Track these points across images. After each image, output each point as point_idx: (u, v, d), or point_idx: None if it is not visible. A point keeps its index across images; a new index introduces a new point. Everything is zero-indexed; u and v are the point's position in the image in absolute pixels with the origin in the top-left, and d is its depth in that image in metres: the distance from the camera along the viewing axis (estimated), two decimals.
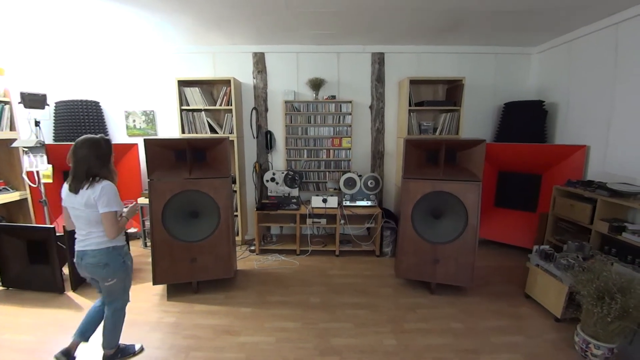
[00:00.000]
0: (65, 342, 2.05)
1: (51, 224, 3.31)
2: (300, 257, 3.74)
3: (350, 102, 3.93)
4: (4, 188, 3.26)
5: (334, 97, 3.93)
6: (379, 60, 3.96)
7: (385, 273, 3.33)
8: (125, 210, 2.00)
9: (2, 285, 2.96)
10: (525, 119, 3.81)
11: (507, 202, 4.01)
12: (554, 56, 3.80)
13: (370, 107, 4.06)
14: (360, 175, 3.82)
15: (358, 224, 3.76)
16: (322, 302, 2.78)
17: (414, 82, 3.73)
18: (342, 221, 3.68)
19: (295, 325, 2.47)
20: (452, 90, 3.91)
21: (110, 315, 2.02)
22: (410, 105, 3.72)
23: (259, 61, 3.98)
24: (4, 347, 2.20)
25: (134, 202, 1.83)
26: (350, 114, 3.95)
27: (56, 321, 2.51)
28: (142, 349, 2.18)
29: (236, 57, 4.00)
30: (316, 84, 3.86)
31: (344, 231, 4.02)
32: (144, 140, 2.69)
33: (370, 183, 3.79)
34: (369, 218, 3.73)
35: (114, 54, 4.06)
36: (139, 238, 4.18)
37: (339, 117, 3.98)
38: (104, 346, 2.05)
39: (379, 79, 3.99)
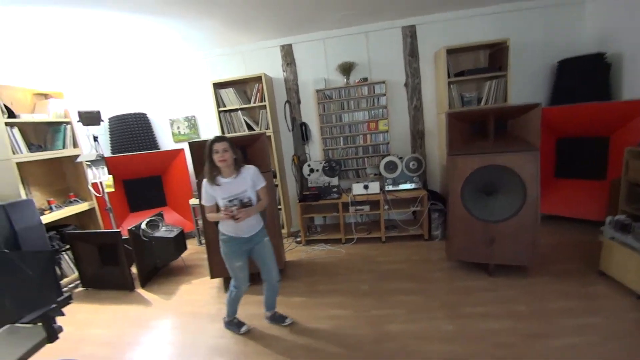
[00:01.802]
0: (139, 334, 2.25)
1: (117, 228, 3.64)
2: (345, 245, 3.72)
3: (384, 82, 3.76)
4: (74, 200, 3.65)
5: (365, 79, 3.80)
6: (410, 34, 3.73)
7: (436, 257, 3.19)
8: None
9: (82, 286, 3.33)
10: (584, 76, 3.36)
11: (570, 171, 3.61)
12: None
13: (406, 85, 3.86)
14: (400, 158, 3.67)
15: (403, 209, 3.64)
16: (371, 290, 2.74)
17: (451, 52, 3.46)
18: (386, 206, 3.58)
19: (347, 313, 2.46)
20: (496, 55, 3.57)
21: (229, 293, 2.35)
22: (449, 76, 3.46)
23: (287, 54, 3.97)
24: (88, 341, 2.48)
25: (231, 210, 2.00)
26: (385, 94, 3.79)
27: (129, 316, 2.77)
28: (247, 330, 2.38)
29: (264, 52, 4.02)
30: (346, 68, 3.75)
31: (388, 217, 3.93)
32: (189, 143, 2.82)
33: (412, 165, 3.63)
34: (414, 201, 3.58)
35: (153, 67, 4.30)
36: (194, 237, 4.45)
37: (373, 99, 3.84)
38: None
39: (412, 54, 3.77)
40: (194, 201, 3.97)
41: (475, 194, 2.71)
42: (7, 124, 3.00)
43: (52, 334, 1.86)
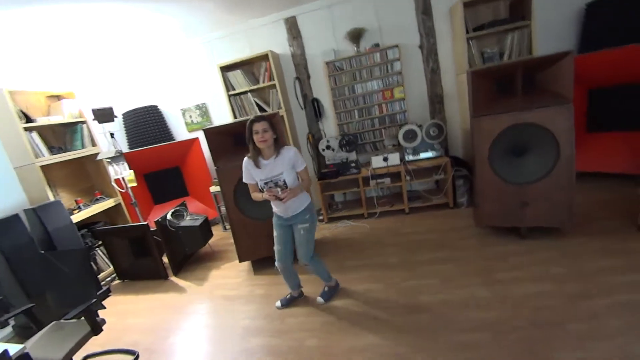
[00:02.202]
0: (177, 320, 2.34)
1: (144, 221, 3.72)
2: (368, 220, 3.68)
3: (397, 46, 3.55)
4: (100, 197, 3.74)
5: (377, 45, 3.59)
6: None
7: (464, 224, 3.10)
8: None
9: (119, 279, 3.47)
10: (618, 17, 3.04)
11: (603, 124, 3.36)
12: None
13: (420, 47, 3.63)
14: (420, 125, 3.52)
15: (425, 178, 3.53)
16: (401, 262, 2.71)
17: (468, 5, 3.19)
18: (408, 177, 3.48)
19: (378, 286, 2.45)
20: (517, 4, 3.27)
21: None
22: (467, 32, 3.22)
23: (292, 27, 3.78)
24: (130, 329, 2.60)
25: (277, 190, 2.04)
26: (399, 59, 3.59)
27: (166, 303, 2.87)
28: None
29: (268, 29, 3.85)
30: (355, 35, 3.55)
31: (411, 188, 3.84)
32: (204, 130, 2.79)
33: (433, 131, 3.47)
34: (436, 169, 3.46)
35: (158, 59, 4.23)
36: (218, 223, 4.52)
37: (386, 66, 3.64)
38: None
39: (425, 11, 3.51)
40: (214, 188, 4.00)
41: (503, 156, 2.57)
42: (25, 129, 3.05)
43: (96, 327, 1.94)
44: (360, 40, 3.60)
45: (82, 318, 1.87)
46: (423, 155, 3.54)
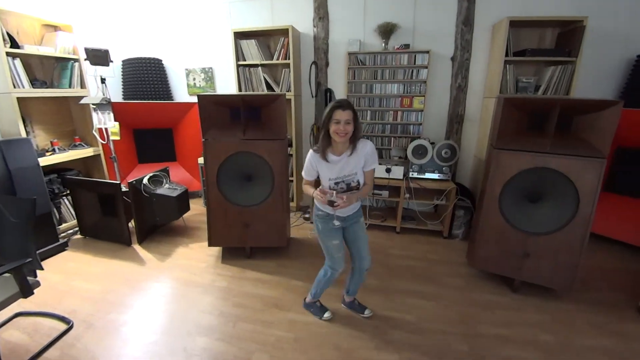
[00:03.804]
0: (125, 295, 2.12)
1: (121, 180, 3.47)
2: None
3: (428, 52, 3.25)
4: (79, 144, 3.47)
5: (407, 46, 3.28)
6: None
7: (455, 259, 2.87)
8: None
9: (80, 234, 3.24)
10: None
11: (622, 186, 3.10)
12: None
13: (452, 59, 3.32)
14: (432, 143, 3.24)
15: (425, 200, 3.28)
16: (380, 286, 2.48)
17: (515, 24, 2.89)
18: (407, 195, 3.23)
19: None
20: (566, 36, 2.97)
21: (322, 272, 2.05)
22: (507, 55, 2.92)
23: (321, 6, 3.46)
24: (73, 294, 2.37)
25: (331, 193, 1.70)
26: (427, 67, 3.29)
27: (121, 273, 2.65)
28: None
29: (295, 2, 3.53)
30: (387, 31, 3.24)
31: (407, 206, 3.60)
32: (198, 97, 2.52)
33: (445, 153, 3.21)
34: (439, 193, 3.21)
35: (172, 8, 3.90)
36: (200, 196, 4.28)
37: (412, 71, 3.35)
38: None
39: (466, 22, 3.19)
40: (202, 160, 3.73)
41: (516, 199, 2.32)
42: (8, 54, 2.75)
43: (26, 290, 1.71)
44: (391, 36, 3.29)
45: None
46: (429, 175, 3.28)
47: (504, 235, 2.36)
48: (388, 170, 3.26)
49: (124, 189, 3.00)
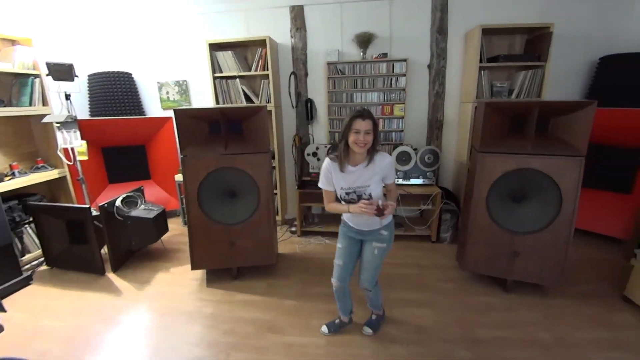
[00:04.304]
0: (103, 331, 1.91)
1: (91, 203, 3.23)
2: None
3: (405, 60, 3.30)
4: (42, 166, 3.19)
5: (385, 55, 3.32)
6: (441, 7, 3.23)
7: (445, 263, 2.87)
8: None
9: (47, 265, 2.95)
10: (627, 76, 2.96)
11: (595, 181, 3.26)
12: None
13: (429, 66, 3.40)
14: (415, 149, 3.27)
15: (411, 205, 3.28)
16: None
17: (486, 32, 3.00)
18: None
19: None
20: (533, 42, 3.12)
21: None
22: (481, 61, 3.02)
23: (297, 16, 3.44)
24: (42, 333, 2.13)
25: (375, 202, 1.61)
26: (405, 75, 3.34)
27: (95, 306, 2.41)
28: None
29: (271, 13, 3.48)
30: (364, 40, 3.27)
31: (395, 213, 3.57)
32: (174, 111, 2.38)
33: (428, 158, 3.24)
34: (424, 198, 3.23)
35: (142, 20, 3.73)
36: (178, 215, 4.06)
37: (391, 79, 3.38)
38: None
39: (440, 31, 3.28)
40: (180, 177, 3.55)
41: (501, 200, 2.36)
42: None
43: None
44: (369, 46, 3.32)
45: None
46: (413, 181, 3.30)
47: (493, 237, 2.38)
48: None
49: (94, 212, 2.78)
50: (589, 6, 3.13)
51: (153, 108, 4.05)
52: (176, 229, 3.74)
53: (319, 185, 1.84)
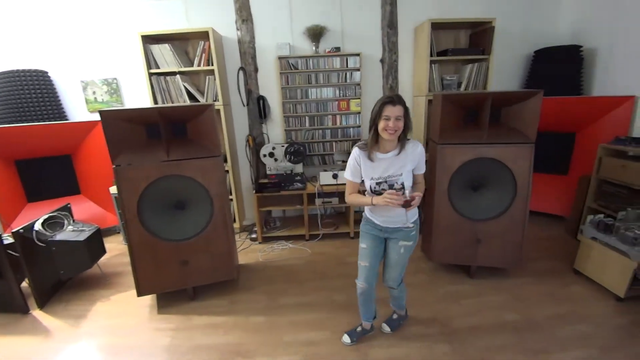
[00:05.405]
0: None
1: (4, 229, 2.66)
2: (310, 242, 3.24)
3: (358, 54, 3.24)
4: None
5: (338, 49, 3.23)
6: (390, 1, 3.22)
7: (413, 255, 2.84)
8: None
9: None
10: (558, 68, 3.25)
11: (536, 165, 3.54)
12: None
13: (382, 61, 3.38)
14: None
15: None
16: (349, 301, 2.29)
17: (434, 27, 3.05)
18: None
19: (322, 335, 2.00)
20: (477, 36, 3.27)
21: None
22: (431, 55, 3.07)
23: (243, 7, 3.18)
24: None
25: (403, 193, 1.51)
26: (359, 69, 3.28)
27: (19, 353, 1.96)
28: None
29: (213, 2, 3.18)
30: (316, 34, 3.14)
31: (358, 209, 3.53)
32: (100, 113, 1.99)
33: None
34: None
35: (59, 9, 3.17)
36: (118, 232, 3.57)
37: (345, 74, 3.30)
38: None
39: (391, 25, 3.28)
40: (115, 189, 3.10)
41: (462, 190, 2.41)
42: None
43: None
44: (321, 39, 3.21)
45: None
46: None
47: (456, 226, 2.42)
48: (335, 176, 3.14)
49: (8, 240, 2.27)
50: (526, 2, 3.36)
51: (77, 111, 3.49)
52: (116, 248, 3.26)
53: (345, 176, 1.73)
